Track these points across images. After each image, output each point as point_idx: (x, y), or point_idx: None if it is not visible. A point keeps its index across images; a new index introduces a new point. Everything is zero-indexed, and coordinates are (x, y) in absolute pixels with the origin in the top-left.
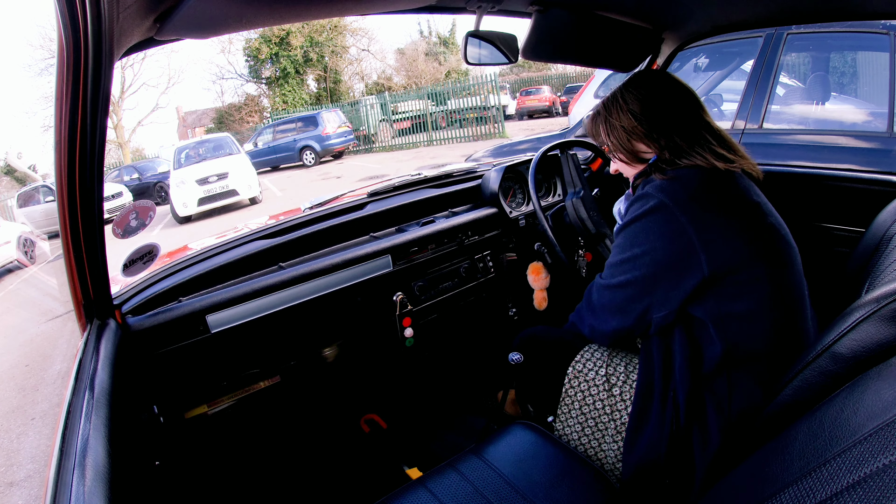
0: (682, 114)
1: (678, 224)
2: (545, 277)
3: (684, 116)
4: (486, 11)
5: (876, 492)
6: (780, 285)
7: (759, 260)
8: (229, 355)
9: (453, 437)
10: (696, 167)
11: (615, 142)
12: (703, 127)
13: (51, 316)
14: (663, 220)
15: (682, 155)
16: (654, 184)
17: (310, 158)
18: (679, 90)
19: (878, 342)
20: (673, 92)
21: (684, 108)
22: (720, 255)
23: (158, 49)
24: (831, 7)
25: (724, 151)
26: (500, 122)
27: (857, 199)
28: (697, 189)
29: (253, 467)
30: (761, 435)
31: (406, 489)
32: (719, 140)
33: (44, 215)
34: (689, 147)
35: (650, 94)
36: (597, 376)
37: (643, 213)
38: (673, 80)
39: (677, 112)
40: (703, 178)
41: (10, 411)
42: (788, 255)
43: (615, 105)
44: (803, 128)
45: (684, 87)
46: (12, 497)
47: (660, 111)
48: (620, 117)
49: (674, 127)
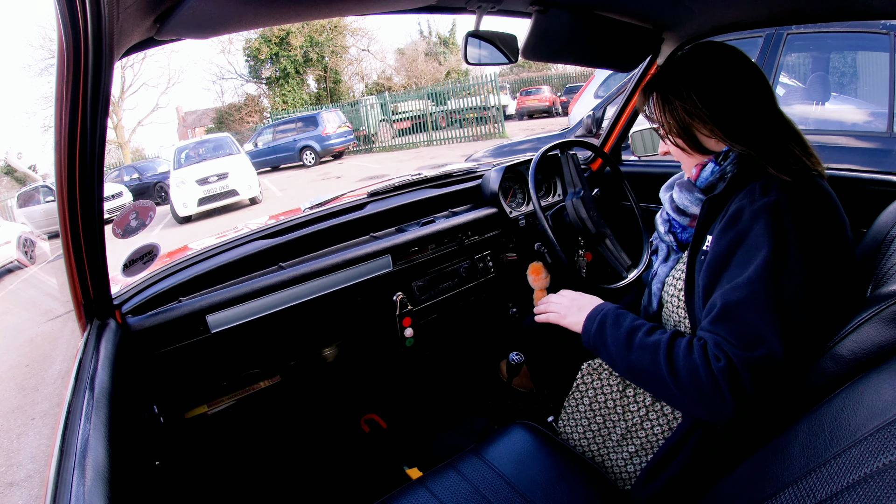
0: (758, 103)
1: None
2: (545, 277)
3: (761, 106)
4: (486, 11)
5: (876, 491)
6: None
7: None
8: (229, 355)
9: (453, 437)
10: (795, 174)
11: (673, 123)
12: (778, 118)
13: (51, 316)
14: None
15: (771, 156)
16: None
17: (310, 158)
18: (754, 73)
19: (879, 343)
20: (748, 74)
21: (760, 96)
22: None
23: (158, 49)
24: (831, 7)
25: (810, 157)
26: (500, 122)
27: (857, 200)
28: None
29: (253, 467)
30: (761, 435)
31: (406, 489)
32: (801, 140)
33: (44, 215)
34: (778, 147)
35: (724, 73)
36: (611, 375)
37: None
38: (747, 61)
39: (753, 100)
40: (813, 190)
41: (10, 411)
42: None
43: (677, 78)
44: (803, 128)
45: (759, 71)
46: (12, 497)
47: (733, 96)
48: (682, 94)
49: (752, 117)
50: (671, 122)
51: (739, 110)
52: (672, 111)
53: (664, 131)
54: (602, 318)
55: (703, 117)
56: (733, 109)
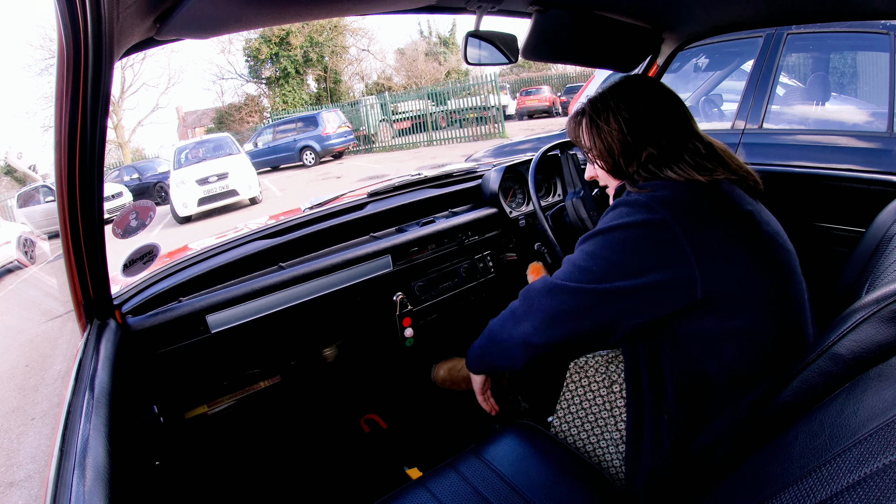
0: (671, 124)
1: (678, 246)
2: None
3: (674, 127)
4: (486, 11)
5: (876, 492)
6: (781, 298)
7: (758, 275)
8: (229, 355)
9: (453, 437)
10: (685, 180)
11: (601, 148)
12: (693, 137)
13: (51, 316)
14: (662, 239)
15: (666, 167)
16: (650, 195)
17: (310, 158)
18: (670, 99)
19: (878, 343)
20: (664, 100)
21: (674, 118)
22: (716, 276)
23: (158, 49)
24: (831, 7)
25: (709, 164)
26: (500, 122)
27: (856, 199)
28: (694, 203)
29: (253, 467)
30: (761, 435)
31: (406, 489)
32: (709, 152)
33: (44, 215)
34: (674, 159)
35: (641, 102)
36: (597, 373)
37: (635, 223)
38: (664, 89)
39: (667, 122)
40: (696, 190)
41: (10, 411)
42: (788, 265)
43: (605, 107)
44: (803, 128)
45: (674, 97)
46: (12, 497)
47: (650, 120)
48: (610, 121)
49: (662, 137)
50: (600, 146)
51: (654, 132)
52: (599, 134)
53: (591, 155)
54: (470, 355)
55: (627, 142)
56: (649, 131)
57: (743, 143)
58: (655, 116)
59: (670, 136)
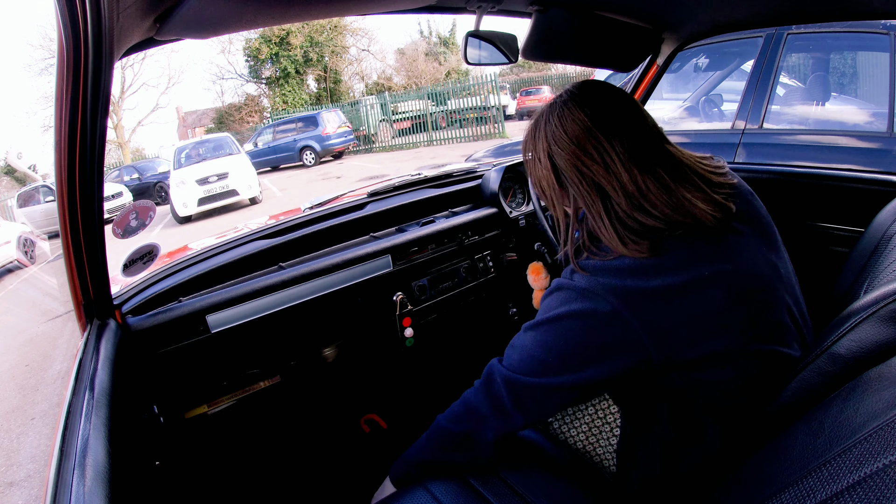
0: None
1: (632, 335)
2: (545, 277)
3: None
4: (486, 11)
5: (876, 492)
6: (756, 335)
7: (728, 333)
8: (229, 355)
9: None
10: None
11: (539, 176)
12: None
13: (51, 316)
14: (612, 333)
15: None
16: (598, 278)
17: (310, 158)
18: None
19: (878, 343)
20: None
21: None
22: (675, 345)
23: (158, 49)
24: (831, 7)
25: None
26: (500, 122)
27: (856, 199)
28: (656, 277)
29: (253, 467)
30: (761, 435)
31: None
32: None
33: (44, 215)
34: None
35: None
36: None
37: (580, 312)
38: (624, 95)
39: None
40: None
41: (10, 411)
42: (762, 294)
43: (549, 123)
44: (803, 128)
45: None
46: (12, 497)
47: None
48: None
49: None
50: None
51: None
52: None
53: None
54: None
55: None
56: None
57: (743, 143)
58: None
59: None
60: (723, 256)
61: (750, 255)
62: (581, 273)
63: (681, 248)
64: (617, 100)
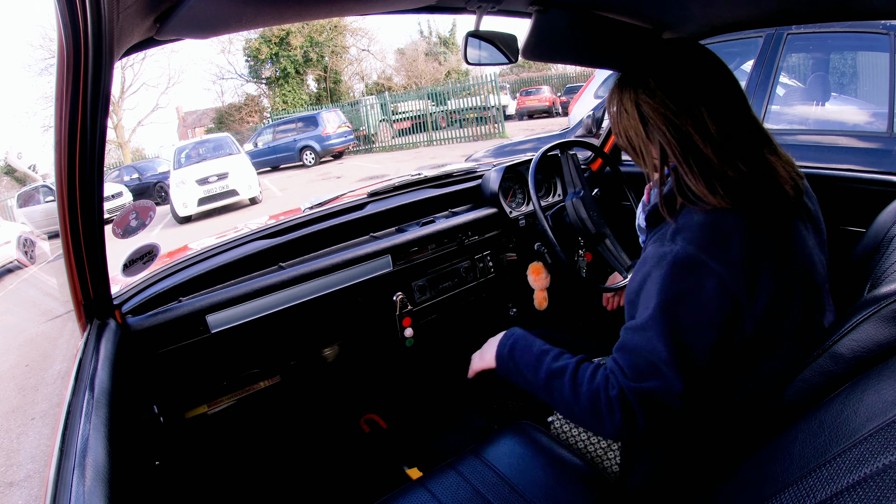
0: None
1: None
2: (545, 277)
3: (721, 115)
4: (486, 11)
5: (876, 492)
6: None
7: (787, 319)
8: (229, 355)
9: (453, 437)
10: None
11: (625, 126)
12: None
13: (51, 316)
14: (713, 291)
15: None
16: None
17: (310, 158)
18: (725, 78)
19: (879, 342)
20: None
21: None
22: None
23: (158, 49)
24: (831, 7)
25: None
26: (500, 122)
27: (857, 200)
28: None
29: (253, 467)
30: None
31: (406, 489)
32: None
33: (44, 215)
34: (716, 167)
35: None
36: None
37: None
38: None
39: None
40: (753, 221)
41: (10, 411)
42: (810, 298)
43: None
44: (803, 128)
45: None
46: (12, 497)
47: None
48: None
49: (698, 129)
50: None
51: (685, 120)
52: (636, 106)
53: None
54: (513, 342)
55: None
56: (681, 118)
57: None
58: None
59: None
60: (786, 244)
61: (806, 248)
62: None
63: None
64: (708, 59)
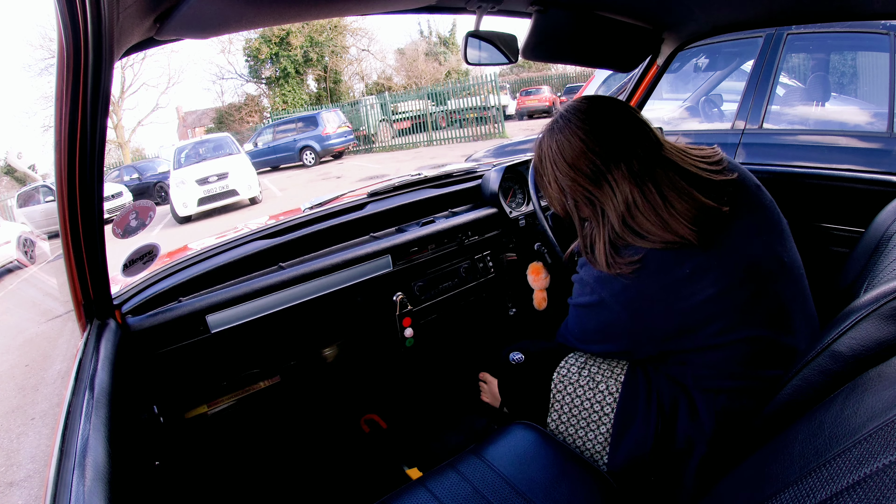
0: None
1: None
2: (545, 277)
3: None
4: (486, 11)
5: (876, 492)
6: (747, 321)
7: (715, 321)
8: (229, 355)
9: (453, 437)
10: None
11: (552, 197)
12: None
13: (51, 316)
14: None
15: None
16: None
17: (310, 158)
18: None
19: (878, 341)
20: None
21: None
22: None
23: (158, 49)
24: (831, 7)
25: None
26: (500, 122)
27: (856, 199)
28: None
29: (253, 467)
30: (761, 435)
31: (406, 489)
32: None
33: (44, 215)
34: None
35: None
36: (580, 377)
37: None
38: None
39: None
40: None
41: (10, 411)
42: (759, 288)
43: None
44: (803, 128)
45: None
46: (12, 497)
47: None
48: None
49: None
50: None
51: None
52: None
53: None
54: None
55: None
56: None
57: (743, 144)
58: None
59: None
60: (707, 251)
61: (745, 242)
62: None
63: (662, 255)
64: (612, 117)
